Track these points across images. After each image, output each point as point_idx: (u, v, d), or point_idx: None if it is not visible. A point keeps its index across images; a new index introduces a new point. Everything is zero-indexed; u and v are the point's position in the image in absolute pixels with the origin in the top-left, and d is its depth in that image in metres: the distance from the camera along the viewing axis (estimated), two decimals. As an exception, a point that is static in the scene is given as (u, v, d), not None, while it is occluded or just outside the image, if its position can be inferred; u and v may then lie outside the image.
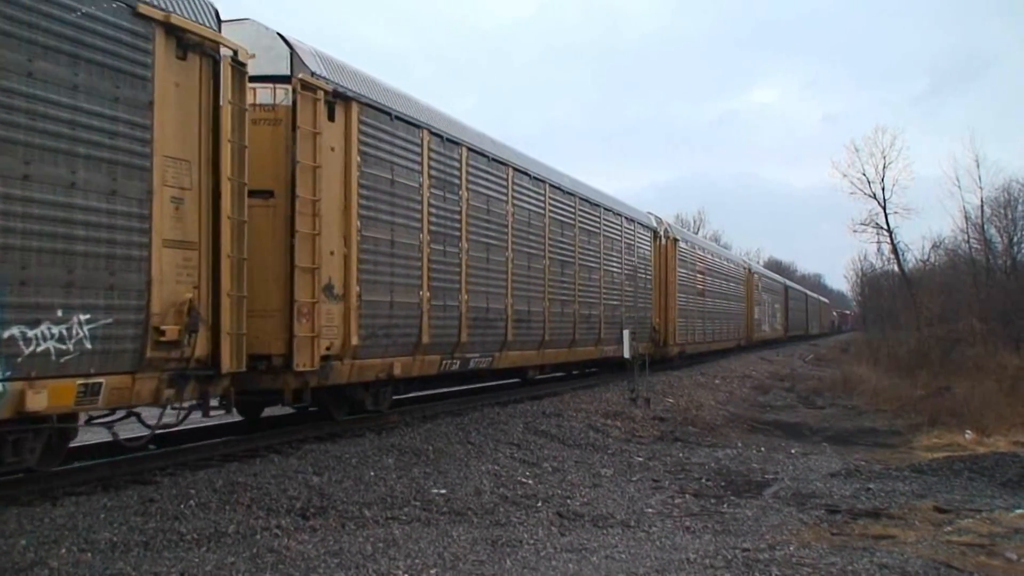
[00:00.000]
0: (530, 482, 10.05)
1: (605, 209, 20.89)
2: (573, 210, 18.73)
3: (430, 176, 12.43)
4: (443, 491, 9.00)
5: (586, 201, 19.53)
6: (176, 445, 9.74)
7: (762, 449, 14.35)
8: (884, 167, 44.86)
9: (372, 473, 9.20)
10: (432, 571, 6.23)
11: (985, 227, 42.39)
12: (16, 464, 7.14)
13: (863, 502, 9.58)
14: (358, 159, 10.74)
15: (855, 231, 48.94)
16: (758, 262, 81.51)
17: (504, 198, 15.13)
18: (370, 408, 12.04)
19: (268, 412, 11.88)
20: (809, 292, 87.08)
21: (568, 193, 18.46)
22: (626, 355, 19.78)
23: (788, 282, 67.77)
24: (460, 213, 13.36)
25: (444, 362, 13.10)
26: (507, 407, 14.82)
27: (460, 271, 13.31)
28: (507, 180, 15.28)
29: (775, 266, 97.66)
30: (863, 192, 45.48)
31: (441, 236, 12.74)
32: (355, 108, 10.68)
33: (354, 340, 10.54)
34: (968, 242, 44.71)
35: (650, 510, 8.97)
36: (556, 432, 13.34)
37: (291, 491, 8.08)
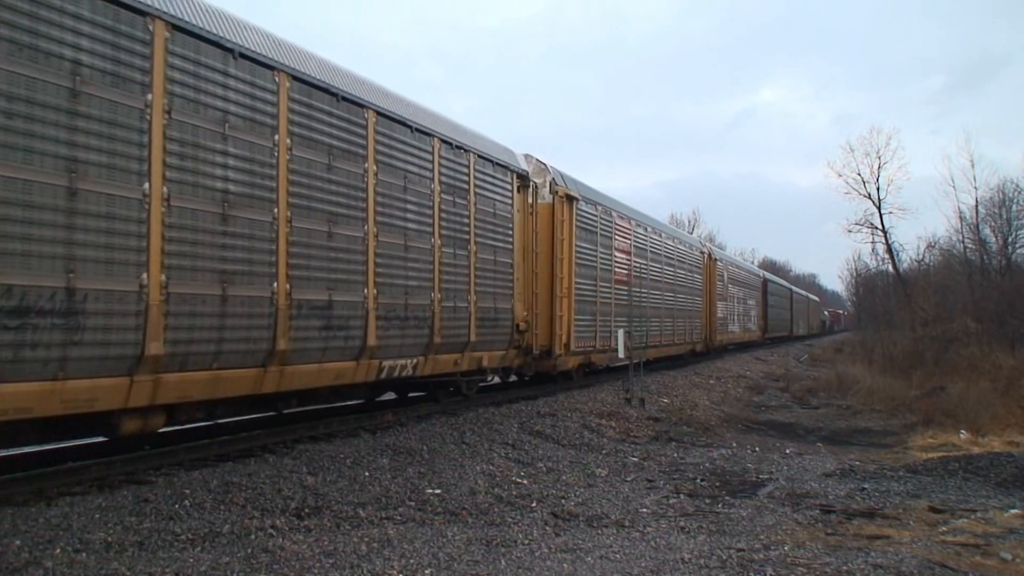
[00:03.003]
0: (525, 482, 10.05)
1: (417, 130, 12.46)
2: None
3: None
4: (438, 491, 9.00)
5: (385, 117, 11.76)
6: (171, 445, 9.72)
7: (757, 449, 14.37)
8: (879, 167, 45.03)
9: (367, 473, 9.20)
10: (427, 571, 6.22)
11: (980, 227, 42.52)
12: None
13: (858, 502, 9.59)
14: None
15: (850, 231, 49.11)
16: (752, 262, 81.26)
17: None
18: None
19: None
20: (795, 288, 78.22)
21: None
22: (621, 355, 19.79)
23: (768, 275, 59.75)
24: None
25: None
26: (501, 407, 14.82)
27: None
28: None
29: (769, 266, 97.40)
30: (858, 192, 45.63)
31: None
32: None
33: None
34: (963, 242, 44.83)
35: (645, 510, 8.97)
36: (551, 432, 13.35)
37: (286, 491, 8.07)
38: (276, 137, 9.55)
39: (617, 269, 21.86)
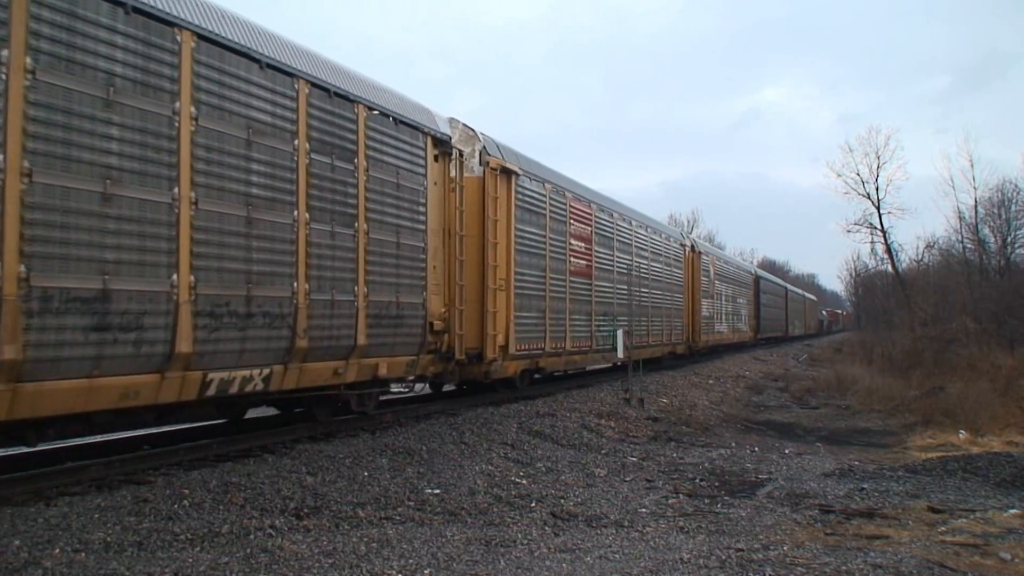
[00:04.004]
0: (524, 482, 10.05)
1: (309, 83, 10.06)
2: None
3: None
4: (437, 491, 9.00)
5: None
6: (170, 445, 9.72)
7: (756, 449, 14.37)
8: (878, 167, 45.04)
9: (366, 473, 9.20)
10: (426, 571, 6.22)
11: (979, 227, 42.57)
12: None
13: (857, 502, 9.60)
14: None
15: (849, 231, 49.16)
16: (752, 262, 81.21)
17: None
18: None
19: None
20: (791, 287, 75.12)
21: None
22: (619, 355, 19.78)
23: (761, 272, 56.94)
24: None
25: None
26: (501, 407, 14.81)
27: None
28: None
29: (768, 266, 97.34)
30: (857, 192, 45.66)
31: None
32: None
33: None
34: (962, 242, 44.90)
35: (644, 510, 8.97)
36: (550, 432, 13.35)
37: (285, 491, 8.07)
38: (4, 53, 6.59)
39: (574, 259, 18.79)
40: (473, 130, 14.76)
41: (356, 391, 11.53)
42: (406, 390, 13.85)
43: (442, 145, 13.05)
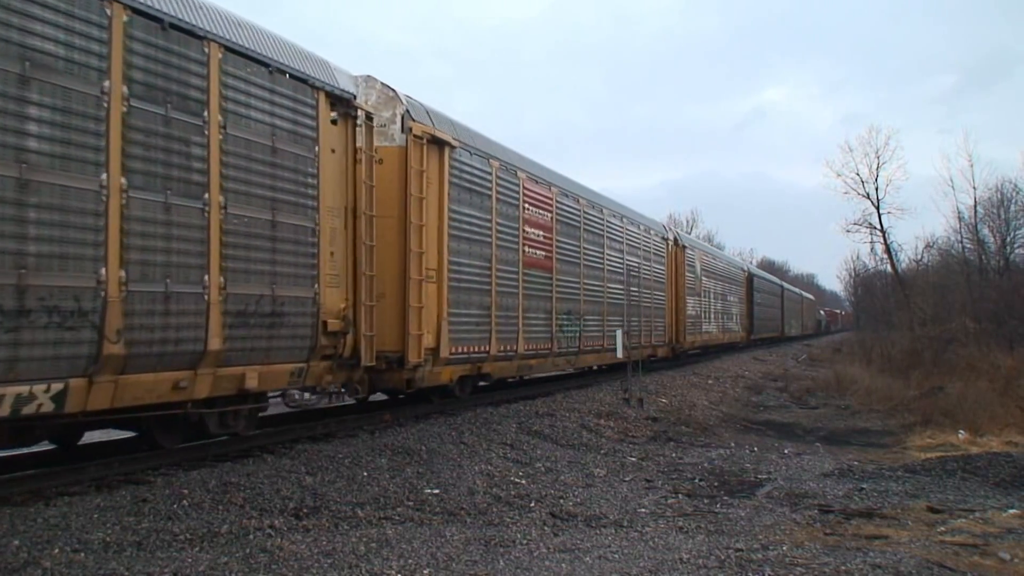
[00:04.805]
0: (523, 482, 10.05)
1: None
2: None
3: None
4: (436, 491, 9.00)
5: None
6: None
7: (755, 449, 14.38)
8: (878, 167, 45.07)
9: (365, 473, 9.20)
10: (425, 571, 6.22)
11: (978, 227, 42.59)
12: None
13: (856, 502, 9.60)
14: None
15: (848, 231, 49.16)
16: (751, 262, 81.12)
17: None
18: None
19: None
20: (787, 285, 72.68)
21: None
22: (619, 355, 19.77)
23: (755, 269, 55.22)
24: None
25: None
26: (500, 407, 14.82)
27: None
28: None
29: (767, 266, 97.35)
30: (856, 192, 45.69)
31: None
32: None
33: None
34: (961, 242, 44.94)
35: (643, 510, 8.98)
36: (549, 432, 13.35)
37: (284, 491, 8.07)
38: None
39: (530, 249, 16.43)
40: (394, 91, 12.41)
41: (217, 409, 9.17)
42: (311, 398, 10.91)
43: (342, 105, 10.75)
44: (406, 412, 13.21)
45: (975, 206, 41.97)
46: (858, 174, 45.62)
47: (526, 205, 16.30)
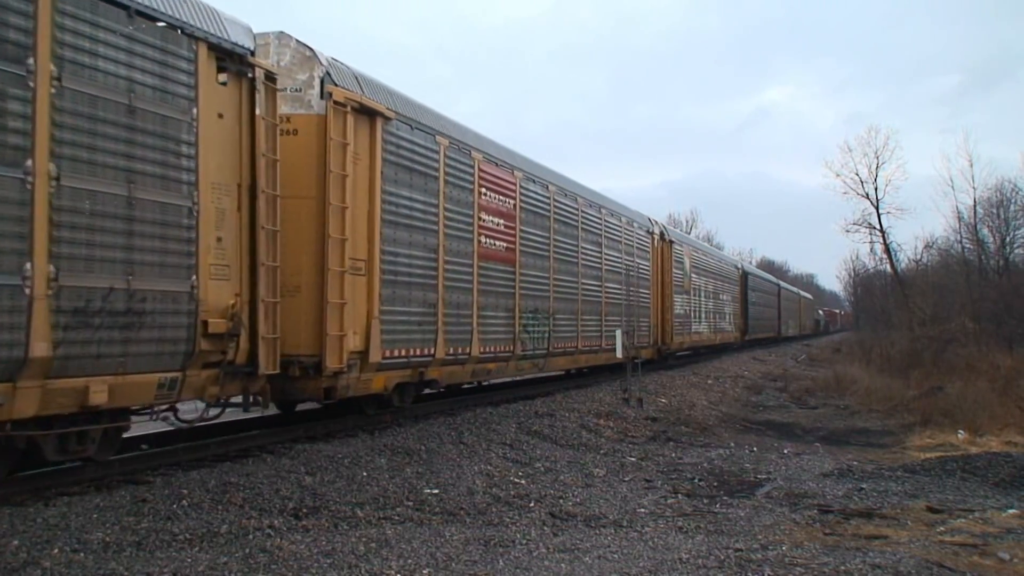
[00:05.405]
0: (523, 482, 10.06)
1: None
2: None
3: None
4: (436, 491, 9.00)
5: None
6: (169, 445, 9.71)
7: (755, 449, 14.38)
8: (877, 167, 45.05)
9: (365, 473, 9.20)
10: (425, 571, 6.23)
11: (978, 227, 42.59)
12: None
13: (856, 502, 9.60)
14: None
15: (848, 231, 49.11)
16: (751, 262, 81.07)
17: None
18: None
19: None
20: (784, 284, 71.28)
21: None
22: (618, 355, 19.76)
23: (749, 267, 53.42)
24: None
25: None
26: (499, 407, 14.82)
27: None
28: None
29: (767, 266, 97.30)
30: (856, 192, 45.68)
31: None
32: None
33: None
34: (961, 242, 44.94)
35: (643, 510, 8.98)
36: (549, 432, 13.35)
37: (284, 491, 8.07)
38: None
39: (488, 239, 14.63)
40: (312, 50, 10.76)
41: (56, 430, 7.34)
42: (214, 413, 9.30)
43: (234, 62, 8.85)
44: (405, 412, 13.17)
45: (975, 206, 41.99)
46: (857, 174, 45.59)
47: (483, 190, 14.45)
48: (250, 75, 9.06)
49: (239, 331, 8.79)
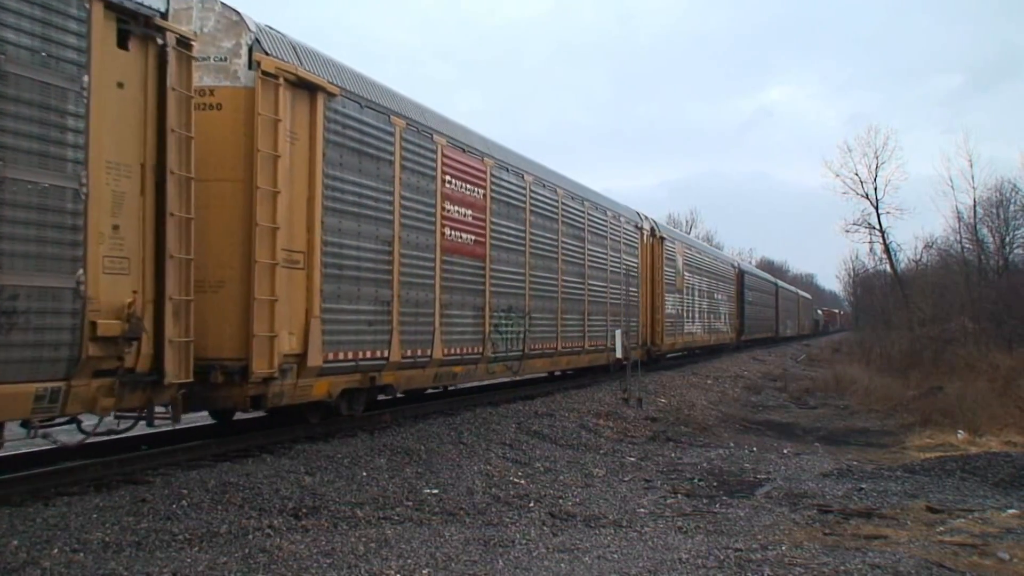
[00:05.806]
0: (522, 482, 10.06)
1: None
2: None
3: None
4: (435, 491, 9.00)
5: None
6: (168, 445, 9.71)
7: (754, 449, 14.38)
8: (877, 167, 45.08)
9: (364, 473, 9.20)
10: (424, 571, 6.22)
11: (977, 227, 42.57)
12: None
13: (855, 502, 9.60)
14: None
15: (847, 231, 49.13)
16: (750, 261, 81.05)
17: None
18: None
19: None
20: (783, 283, 70.15)
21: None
22: (618, 355, 19.75)
23: (746, 265, 52.49)
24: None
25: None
26: (499, 407, 14.82)
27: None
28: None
29: (766, 266, 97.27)
30: (855, 192, 45.69)
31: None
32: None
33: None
34: (960, 242, 44.90)
35: (642, 510, 8.98)
36: (548, 432, 13.35)
37: (283, 491, 8.07)
38: None
39: (453, 231, 13.47)
40: (240, 15, 9.49)
41: None
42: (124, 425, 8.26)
43: (137, 24, 7.62)
44: (405, 412, 13.18)
45: (974, 206, 41.97)
46: (857, 174, 45.67)
47: (447, 178, 13.21)
48: (160, 40, 7.83)
49: (139, 333, 7.52)
